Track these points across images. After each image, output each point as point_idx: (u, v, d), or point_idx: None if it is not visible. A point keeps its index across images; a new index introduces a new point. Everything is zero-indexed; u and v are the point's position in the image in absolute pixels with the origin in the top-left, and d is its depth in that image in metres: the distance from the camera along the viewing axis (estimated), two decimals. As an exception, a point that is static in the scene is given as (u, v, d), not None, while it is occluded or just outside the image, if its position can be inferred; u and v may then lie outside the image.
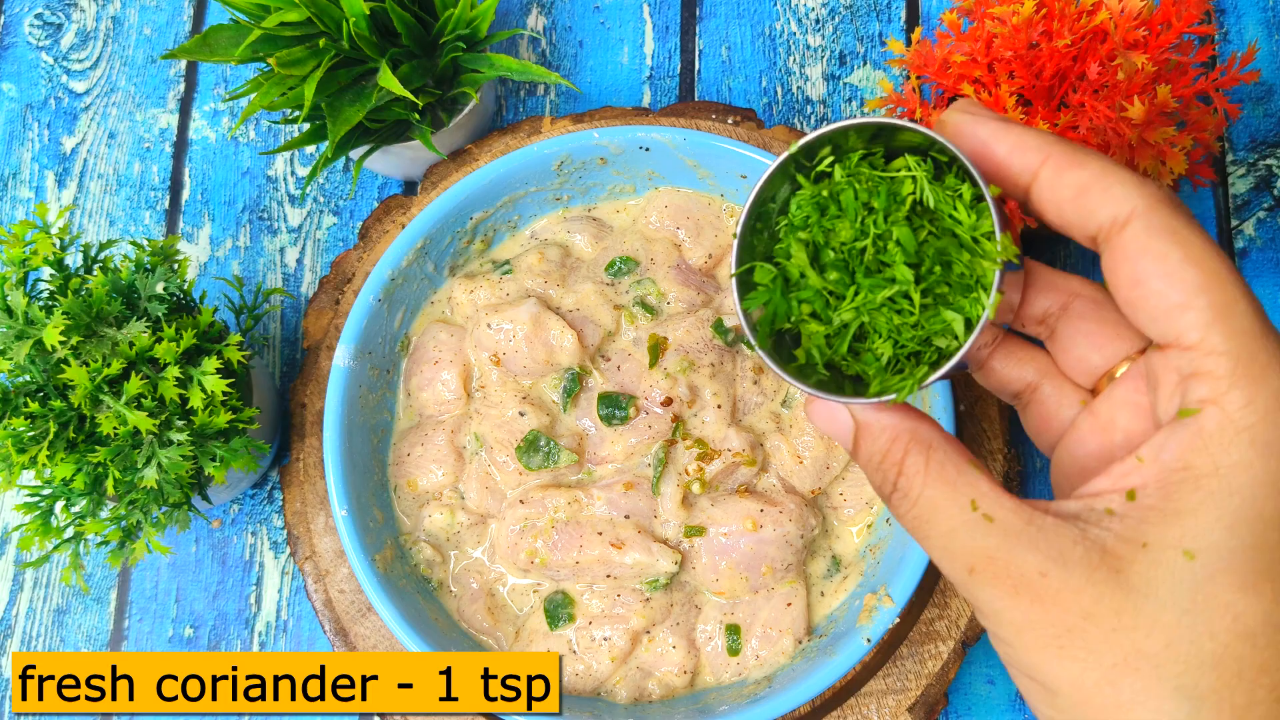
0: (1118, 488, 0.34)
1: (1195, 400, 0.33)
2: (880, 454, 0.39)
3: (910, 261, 0.38)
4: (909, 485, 0.37)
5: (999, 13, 0.64)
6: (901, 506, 0.38)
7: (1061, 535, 0.34)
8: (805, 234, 0.41)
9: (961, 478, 0.36)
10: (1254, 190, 0.82)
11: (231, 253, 0.84)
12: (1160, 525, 0.32)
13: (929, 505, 0.37)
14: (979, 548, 0.35)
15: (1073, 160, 0.35)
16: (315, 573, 0.72)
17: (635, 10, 0.89)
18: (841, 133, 0.40)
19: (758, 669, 0.67)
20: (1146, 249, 0.33)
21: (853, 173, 0.40)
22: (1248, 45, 0.70)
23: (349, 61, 0.71)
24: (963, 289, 0.38)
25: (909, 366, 0.40)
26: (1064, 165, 0.36)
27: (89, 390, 0.58)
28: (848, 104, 0.86)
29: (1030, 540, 0.34)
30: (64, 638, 0.77)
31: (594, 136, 0.72)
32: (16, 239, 0.62)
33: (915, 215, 0.39)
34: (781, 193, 0.42)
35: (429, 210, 0.71)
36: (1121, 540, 0.33)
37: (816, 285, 0.40)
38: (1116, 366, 0.40)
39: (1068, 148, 0.36)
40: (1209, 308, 0.32)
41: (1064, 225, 0.37)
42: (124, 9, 0.91)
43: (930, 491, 0.37)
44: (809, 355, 0.42)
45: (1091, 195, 0.35)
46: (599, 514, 0.67)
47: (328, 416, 0.67)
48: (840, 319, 0.40)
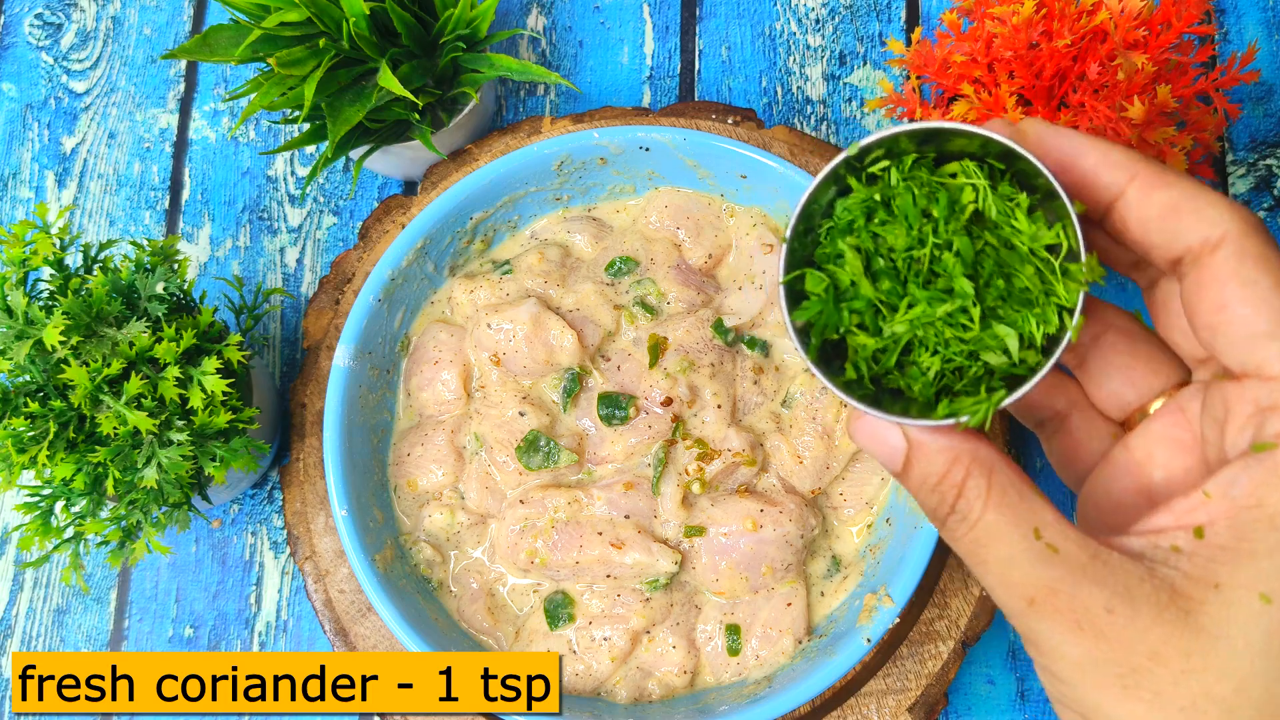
0: (1183, 524, 0.33)
1: (1272, 434, 0.32)
2: (938, 475, 0.37)
3: (969, 274, 0.37)
4: (969, 508, 0.36)
5: (999, 13, 0.64)
6: (958, 530, 0.36)
7: (1128, 571, 0.32)
8: (854, 239, 0.38)
9: (1024, 504, 0.35)
10: (1254, 190, 0.82)
11: (231, 253, 0.84)
12: (1233, 566, 0.31)
13: (989, 531, 0.35)
14: (1041, 578, 0.33)
15: (1162, 179, 0.34)
16: (315, 573, 0.72)
17: (635, 10, 0.89)
18: (893, 138, 0.38)
19: (758, 669, 0.67)
20: (1236, 274, 0.32)
21: (909, 177, 0.38)
22: (1248, 45, 0.70)
23: (349, 61, 0.71)
24: (1024, 303, 0.37)
25: (958, 382, 0.38)
26: (1153, 184, 0.35)
27: (89, 390, 0.58)
28: (848, 104, 0.86)
29: (1096, 575, 0.33)
30: (64, 638, 0.77)
31: (594, 136, 0.72)
32: (16, 239, 0.62)
33: (972, 224, 0.37)
34: (825, 196, 0.40)
35: (429, 210, 0.71)
36: (1191, 580, 0.32)
37: (869, 295, 0.38)
38: (1151, 402, 0.39)
39: (1155, 166, 0.35)
40: None
41: (1147, 245, 0.35)
42: (124, 9, 0.91)
43: (991, 516, 0.35)
44: (856, 369, 0.39)
45: (1182, 216, 0.34)
46: (599, 514, 0.67)
47: (328, 416, 0.67)
48: (892, 331, 0.38)
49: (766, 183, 0.72)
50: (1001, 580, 0.35)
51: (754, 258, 0.74)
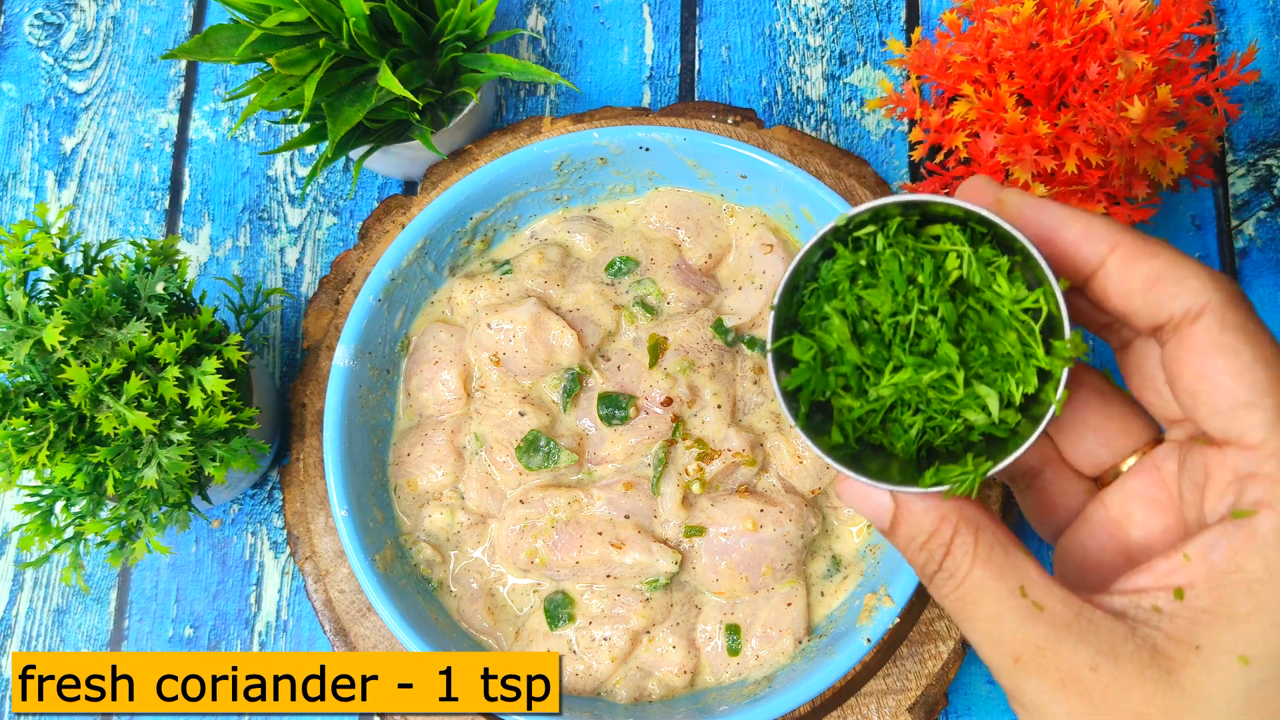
0: (1163, 585, 0.34)
1: (1251, 501, 0.32)
2: (926, 534, 0.38)
3: (952, 339, 0.37)
4: (955, 566, 0.37)
5: (999, 13, 0.64)
6: (945, 588, 0.37)
7: (1112, 630, 0.33)
8: (839, 303, 0.39)
9: (1010, 561, 0.36)
10: (1254, 190, 0.82)
11: (231, 253, 0.84)
12: (1212, 629, 0.32)
13: (976, 588, 0.36)
14: (1026, 636, 0.34)
15: (1144, 250, 0.35)
16: (315, 573, 0.72)
17: (635, 10, 0.89)
18: (880, 207, 0.38)
19: (758, 669, 0.67)
20: (1217, 344, 0.33)
21: (893, 242, 0.38)
22: (1248, 45, 0.70)
23: (349, 61, 0.71)
24: (1005, 366, 0.38)
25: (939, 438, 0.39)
26: (1135, 255, 0.35)
27: (89, 390, 0.58)
28: (848, 104, 0.86)
29: (1081, 633, 0.33)
30: (64, 638, 0.77)
31: (594, 136, 0.72)
32: (16, 239, 0.62)
33: (955, 288, 0.38)
34: (810, 259, 0.40)
35: (429, 210, 0.71)
36: (1172, 640, 0.32)
37: (855, 360, 0.39)
38: (1124, 459, 0.40)
39: (1137, 237, 0.36)
40: (1276, 409, 0.32)
41: (1128, 314, 0.36)
42: (124, 9, 0.91)
43: (978, 574, 0.36)
44: (842, 430, 0.40)
45: (1164, 286, 0.34)
46: (599, 514, 0.67)
47: (328, 416, 0.67)
48: (878, 394, 0.39)
49: (766, 183, 0.72)
50: (988, 637, 0.35)
51: (754, 258, 0.74)
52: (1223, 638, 0.32)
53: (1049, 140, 0.63)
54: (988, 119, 0.65)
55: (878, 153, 0.85)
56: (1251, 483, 0.33)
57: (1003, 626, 0.35)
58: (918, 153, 0.72)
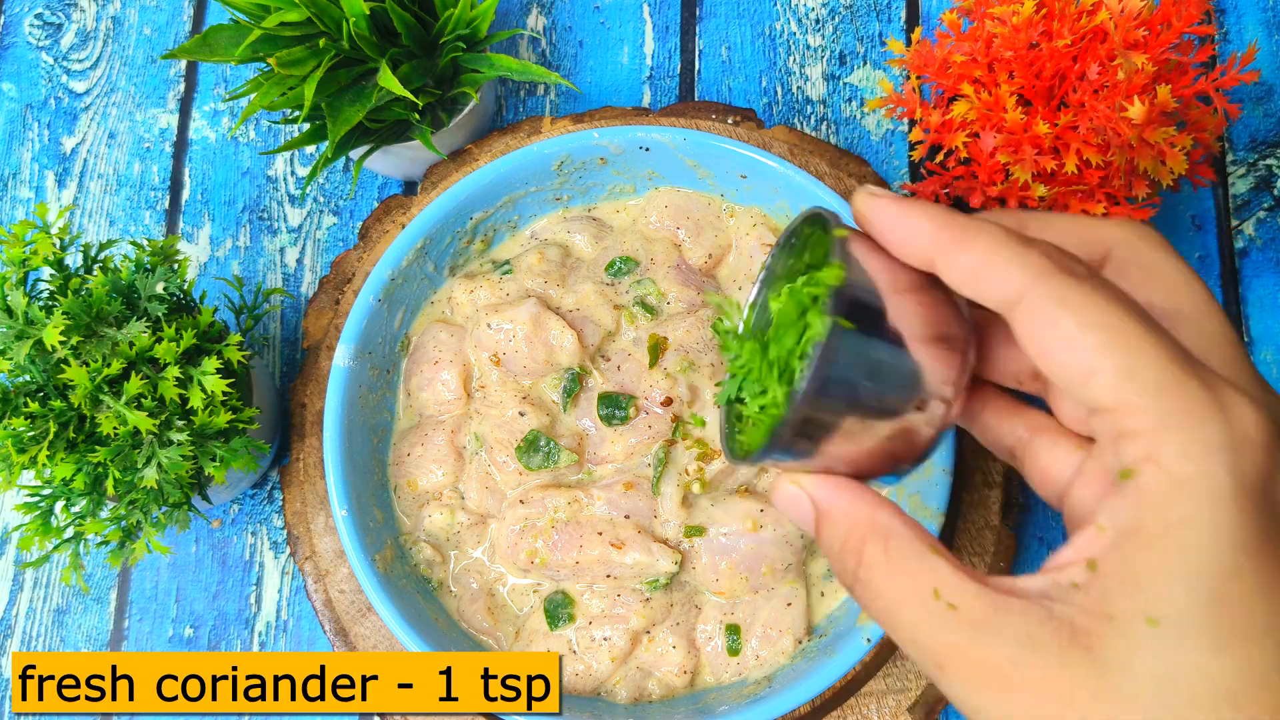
0: (1080, 558, 0.33)
1: (1131, 461, 0.31)
2: (839, 542, 0.37)
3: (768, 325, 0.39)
4: (869, 576, 0.36)
5: (999, 13, 0.64)
6: (864, 598, 0.36)
7: (1029, 617, 0.32)
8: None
9: (922, 565, 0.34)
10: (1254, 190, 0.82)
11: (231, 253, 0.84)
12: (1121, 595, 0.31)
13: (891, 597, 0.35)
14: (944, 641, 0.33)
15: (960, 244, 0.34)
16: (315, 573, 0.72)
17: (635, 10, 0.89)
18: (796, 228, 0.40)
19: (758, 669, 0.67)
20: (1042, 322, 0.32)
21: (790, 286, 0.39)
22: (1248, 45, 0.70)
23: (349, 61, 0.71)
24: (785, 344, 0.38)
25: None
26: (952, 251, 0.34)
27: (89, 390, 0.58)
28: (848, 104, 0.86)
29: (996, 628, 0.32)
30: (64, 638, 0.77)
31: (594, 136, 0.72)
32: (16, 239, 0.62)
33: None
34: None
35: (429, 210, 0.71)
36: (1089, 615, 0.31)
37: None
38: None
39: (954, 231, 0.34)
40: (1115, 369, 0.31)
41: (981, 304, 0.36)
42: (124, 9, 0.91)
43: (890, 583, 0.35)
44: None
45: (981, 280, 0.34)
46: (599, 514, 0.67)
47: (328, 416, 0.67)
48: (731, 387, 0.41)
49: (766, 183, 0.72)
50: (913, 646, 0.34)
51: (754, 258, 0.74)
52: (1130, 603, 0.31)
53: (1049, 140, 0.63)
54: (988, 119, 0.65)
55: (878, 153, 0.85)
56: (1125, 442, 0.32)
57: (922, 634, 0.34)
58: (918, 153, 0.72)
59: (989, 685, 0.32)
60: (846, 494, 0.37)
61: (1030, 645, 0.31)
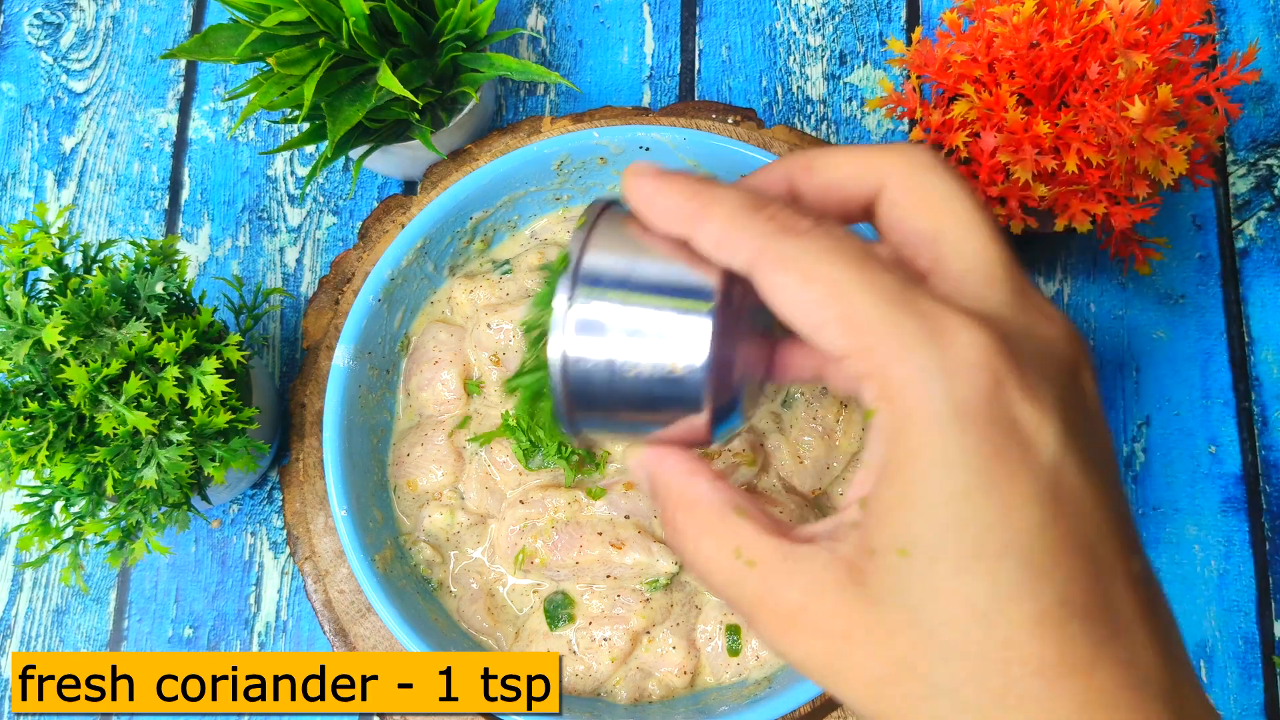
0: (855, 498, 0.33)
1: (869, 401, 0.32)
2: (661, 513, 0.38)
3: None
4: (682, 543, 0.36)
5: (999, 12, 0.64)
6: (686, 565, 0.37)
7: (814, 561, 0.33)
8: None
9: (724, 526, 0.35)
10: (1254, 190, 0.82)
11: (231, 253, 0.84)
12: (878, 530, 0.32)
13: (703, 562, 0.36)
14: (749, 595, 0.34)
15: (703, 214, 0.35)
16: (315, 573, 0.72)
17: (635, 10, 0.89)
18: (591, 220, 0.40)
19: (758, 669, 0.67)
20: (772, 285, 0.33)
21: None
22: (1248, 45, 0.70)
23: (349, 61, 0.71)
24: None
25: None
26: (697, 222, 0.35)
27: (88, 390, 0.58)
28: (848, 104, 0.86)
29: (787, 575, 0.33)
30: (63, 638, 0.77)
31: (594, 136, 0.72)
32: (16, 239, 0.62)
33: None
34: None
35: (429, 210, 0.71)
36: (860, 552, 0.32)
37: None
38: None
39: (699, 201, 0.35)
40: (837, 318, 0.32)
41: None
42: (124, 9, 0.91)
43: (698, 546, 0.36)
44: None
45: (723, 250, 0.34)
46: (599, 514, 0.67)
47: (327, 416, 0.67)
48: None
49: (767, 182, 0.72)
50: (732, 606, 0.35)
51: (754, 258, 0.74)
52: (885, 535, 0.31)
53: (1049, 140, 0.63)
54: (988, 119, 0.65)
55: (878, 152, 0.85)
56: (860, 385, 0.32)
57: (731, 591, 0.35)
58: (918, 152, 0.72)
59: (788, 631, 0.33)
60: (665, 464, 0.38)
61: (817, 589, 0.32)
